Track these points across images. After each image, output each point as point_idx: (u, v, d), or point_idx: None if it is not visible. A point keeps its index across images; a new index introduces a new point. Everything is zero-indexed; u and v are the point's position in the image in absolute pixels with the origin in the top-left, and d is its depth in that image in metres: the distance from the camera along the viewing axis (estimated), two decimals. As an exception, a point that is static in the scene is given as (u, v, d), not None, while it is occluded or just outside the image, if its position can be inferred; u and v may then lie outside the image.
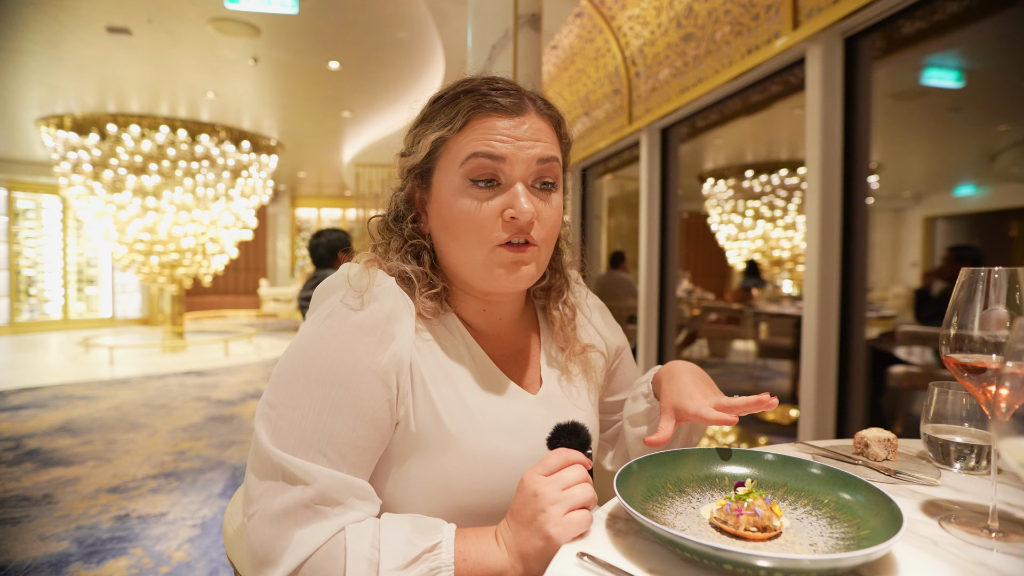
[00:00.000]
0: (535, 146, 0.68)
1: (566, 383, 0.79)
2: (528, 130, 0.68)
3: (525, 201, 0.66)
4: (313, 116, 6.76)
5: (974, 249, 3.31)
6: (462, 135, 0.68)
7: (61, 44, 4.43)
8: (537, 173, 0.69)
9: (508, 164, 0.67)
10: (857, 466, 0.74)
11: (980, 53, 3.88)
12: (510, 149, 0.66)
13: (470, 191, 0.67)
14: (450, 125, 0.68)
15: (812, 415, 2.18)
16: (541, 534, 0.58)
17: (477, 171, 0.67)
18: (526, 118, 0.68)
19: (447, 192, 0.69)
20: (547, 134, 0.70)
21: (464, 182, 0.67)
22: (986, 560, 0.50)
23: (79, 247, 9.69)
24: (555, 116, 0.73)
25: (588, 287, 0.94)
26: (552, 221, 0.70)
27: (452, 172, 0.68)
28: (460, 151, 0.67)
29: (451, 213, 0.68)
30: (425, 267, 0.72)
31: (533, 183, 0.69)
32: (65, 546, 2.27)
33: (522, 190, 0.67)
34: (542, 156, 0.68)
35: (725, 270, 10.70)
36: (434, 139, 0.69)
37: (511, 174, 0.67)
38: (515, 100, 0.68)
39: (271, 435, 0.60)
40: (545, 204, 0.69)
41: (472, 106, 0.68)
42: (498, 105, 0.67)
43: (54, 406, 4.55)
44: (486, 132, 0.67)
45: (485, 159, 0.66)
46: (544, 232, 0.70)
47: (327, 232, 2.92)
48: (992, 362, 0.55)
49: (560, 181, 0.72)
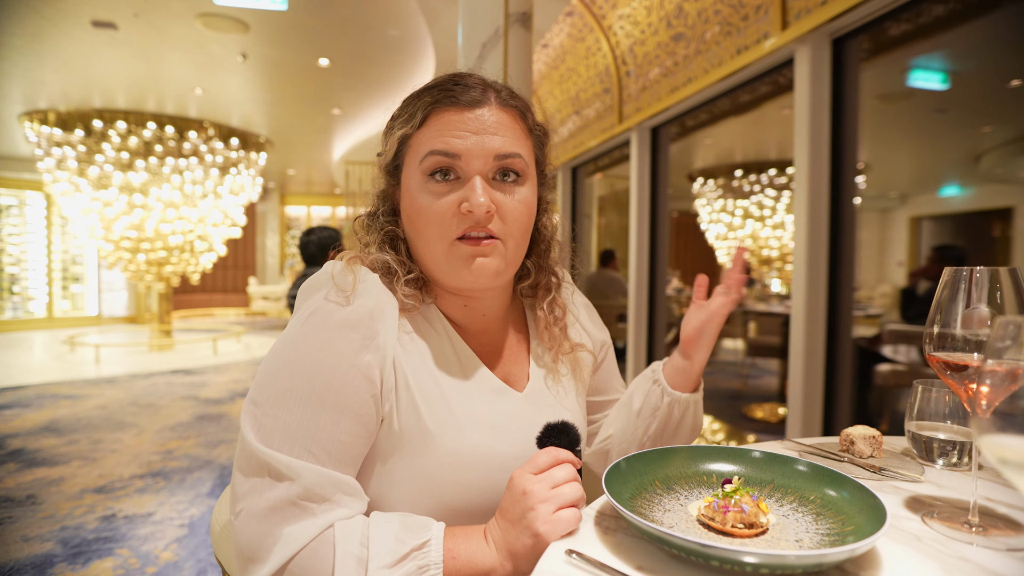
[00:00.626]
0: (493, 139, 0.68)
1: (553, 382, 0.79)
2: (485, 123, 0.68)
3: (481, 194, 0.66)
4: (303, 113, 6.71)
5: (958, 249, 3.35)
6: (422, 131, 0.69)
7: (45, 38, 4.36)
8: (497, 166, 0.68)
9: (464, 159, 0.67)
10: (843, 463, 0.75)
11: (965, 55, 3.93)
12: (465, 144, 0.67)
13: (428, 186, 0.68)
14: (411, 122, 0.69)
15: (800, 413, 2.20)
16: (530, 532, 0.58)
17: (433, 167, 0.67)
18: (485, 110, 0.68)
19: (411, 188, 0.70)
20: (507, 126, 0.69)
21: (423, 178, 0.68)
22: (967, 554, 0.51)
23: (64, 244, 9.56)
24: (520, 106, 0.72)
25: (578, 286, 0.94)
26: (516, 214, 0.69)
27: (413, 169, 0.69)
28: (420, 148, 0.68)
29: (413, 208, 0.69)
30: (402, 256, 0.73)
31: (494, 176, 0.69)
32: (49, 547, 2.24)
33: (479, 183, 0.67)
34: (500, 150, 0.68)
35: (714, 269, 10.77)
36: (399, 136, 0.70)
37: (468, 169, 0.67)
38: (474, 94, 0.68)
39: (256, 432, 0.60)
40: (507, 196, 0.69)
41: (430, 102, 0.68)
42: (456, 99, 0.68)
43: (38, 405, 4.48)
44: (442, 128, 0.67)
45: (441, 156, 0.67)
46: (508, 226, 0.69)
47: (318, 230, 2.90)
48: (974, 360, 0.55)
49: (528, 174, 0.71)
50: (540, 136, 0.77)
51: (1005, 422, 0.41)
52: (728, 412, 4.37)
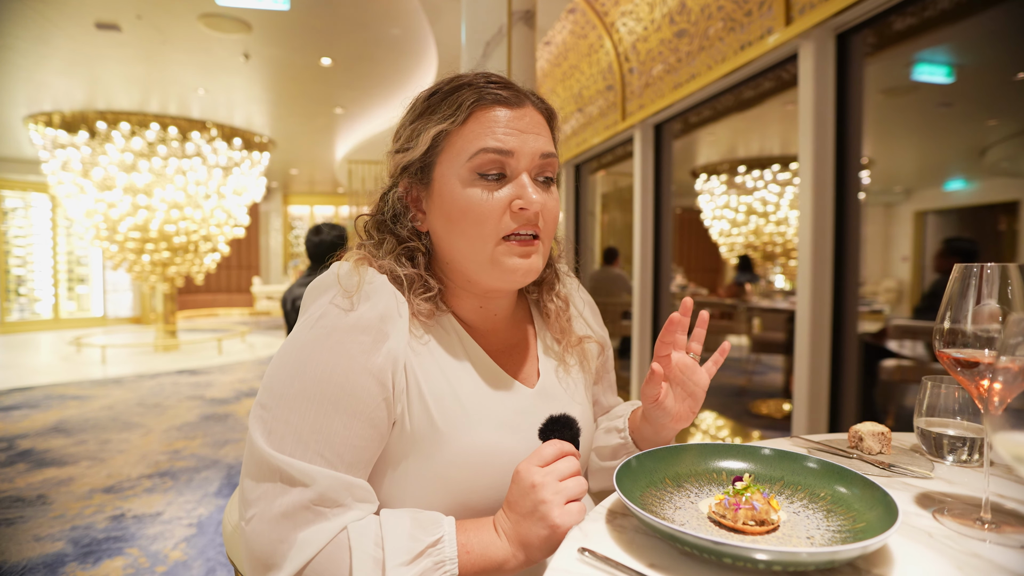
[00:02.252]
0: (538, 139, 0.69)
1: (563, 375, 0.80)
2: (529, 123, 0.69)
3: (533, 192, 0.67)
4: (305, 113, 6.72)
5: (969, 241, 3.33)
6: (466, 127, 0.68)
7: (48, 40, 4.37)
8: (540, 167, 0.70)
9: (515, 157, 0.67)
10: (852, 460, 0.75)
11: (970, 49, 3.91)
12: (516, 142, 0.67)
13: (478, 183, 0.67)
14: (453, 117, 0.68)
15: (805, 409, 2.19)
16: (545, 524, 0.59)
17: (487, 165, 0.67)
18: (526, 111, 0.69)
19: (452, 186, 0.68)
20: (544, 128, 0.71)
21: (472, 175, 0.67)
22: (979, 551, 0.51)
23: (69, 245, 9.60)
24: (549, 110, 0.74)
25: (582, 283, 0.94)
26: (554, 214, 0.71)
27: (458, 166, 0.68)
28: (466, 144, 0.67)
29: (457, 207, 0.68)
30: (420, 269, 0.71)
31: (536, 176, 0.70)
32: (60, 546, 2.26)
33: (528, 181, 0.68)
34: (544, 150, 0.69)
35: (718, 265, 10.76)
36: (436, 132, 0.68)
37: (517, 166, 0.68)
38: (514, 92, 0.70)
39: (267, 437, 0.59)
40: (548, 196, 0.70)
41: (475, 98, 0.68)
42: (500, 96, 0.68)
43: (46, 406, 4.51)
44: (491, 124, 0.67)
45: (495, 154, 0.66)
46: (547, 226, 0.71)
47: (326, 229, 2.82)
48: (985, 357, 0.55)
49: (556, 176, 0.74)
50: (557, 140, 0.78)
51: (1018, 419, 0.41)
52: (733, 408, 4.37)
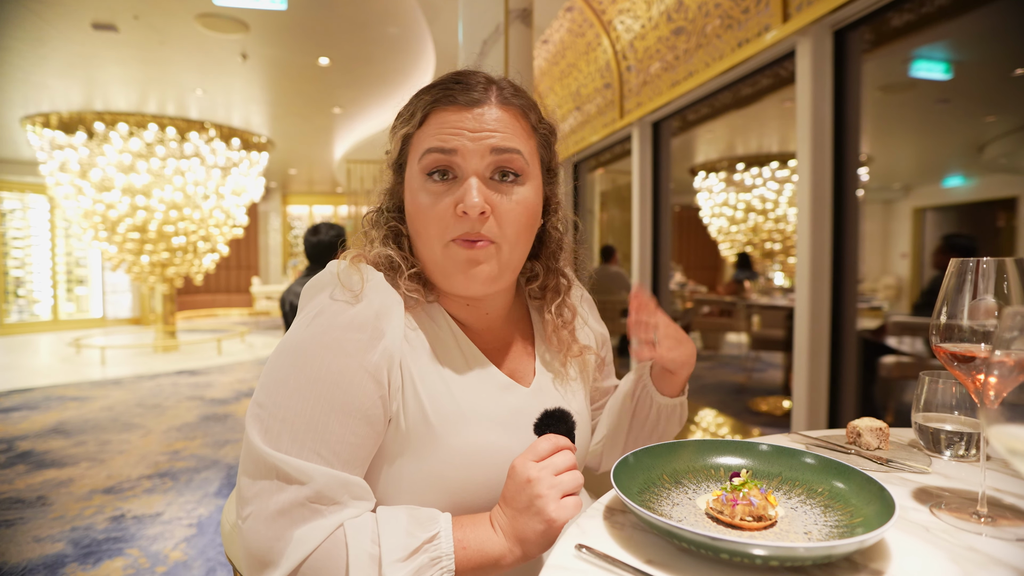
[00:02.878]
0: (491, 136, 0.66)
1: (560, 377, 0.80)
2: (485, 121, 0.67)
3: (476, 194, 0.65)
4: (303, 113, 6.71)
5: (967, 238, 3.35)
6: (422, 130, 0.69)
7: (45, 41, 4.37)
8: (494, 164, 0.67)
9: (460, 156, 0.66)
10: (850, 455, 0.75)
11: (967, 45, 3.91)
12: (461, 142, 0.66)
13: (427, 186, 0.68)
14: (412, 120, 0.69)
15: (804, 405, 2.20)
16: (541, 518, 0.59)
17: (431, 165, 0.67)
18: (484, 108, 0.67)
19: (412, 187, 0.70)
20: (508, 124, 0.68)
21: (422, 177, 0.68)
22: (975, 545, 0.52)
23: (68, 247, 9.59)
24: (522, 104, 0.71)
25: (583, 282, 0.93)
26: (513, 216, 0.68)
27: (414, 168, 0.69)
28: (419, 146, 0.68)
29: (413, 208, 0.70)
30: (405, 251, 0.73)
31: (491, 175, 0.68)
32: (60, 547, 2.26)
33: (475, 183, 0.66)
34: (497, 146, 0.66)
35: (717, 263, 10.76)
36: (401, 135, 0.71)
37: (465, 167, 0.67)
38: (475, 94, 0.68)
39: (263, 435, 0.60)
40: (504, 197, 0.68)
41: (430, 100, 0.68)
42: (454, 99, 0.67)
43: (46, 407, 4.51)
44: (440, 126, 0.67)
45: (438, 153, 0.67)
46: (503, 229, 0.67)
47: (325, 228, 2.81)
48: (981, 351, 0.55)
49: (529, 173, 0.70)
50: (546, 134, 0.75)
51: (1014, 413, 0.41)
52: (733, 406, 4.37)
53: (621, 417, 0.89)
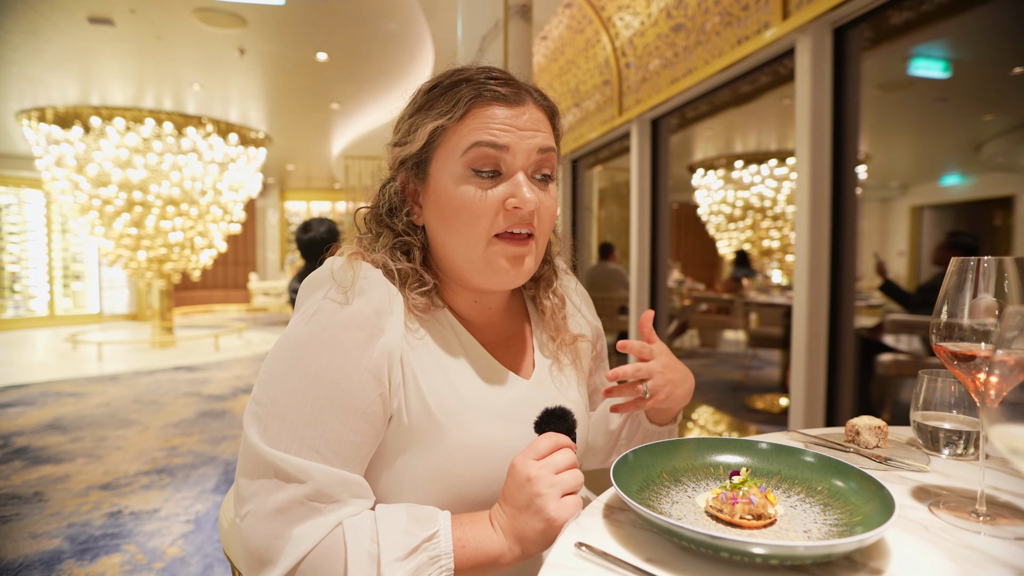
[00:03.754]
0: (535, 136, 0.68)
1: (557, 370, 0.80)
2: (528, 120, 0.68)
3: (528, 190, 0.66)
4: (301, 108, 6.68)
5: (970, 236, 3.36)
6: (463, 124, 0.67)
7: (41, 35, 4.34)
8: (537, 163, 0.69)
9: (511, 153, 0.66)
10: (849, 454, 0.75)
11: (966, 43, 3.91)
12: (512, 138, 0.66)
13: (472, 180, 0.67)
14: (450, 113, 0.67)
15: (802, 403, 2.20)
16: (541, 516, 0.59)
17: (480, 160, 0.66)
18: (525, 108, 0.68)
19: (446, 182, 0.68)
20: (544, 125, 0.71)
21: (466, 171, 0.67)
22: (974, 543, 0.52)
23: (64, 242, 9.55)
24: (551, 107, 0.73)
25: (580, 278, 0.94)
26: (550, 213, 0.71)
27: (452, 161, 0.67)
28: (461, 140, 0.67)
29: (450, 203, 0.67)
30: (416, 263, 0.71)
31: (533, 173, 0.69)
32: (57, 544, 2.25)
33: (524, 179, 0.67)
34: (542, 146, 0.68)
35: (715, 260, 10.76)
36: (433, 128, 0.68)
37: (512, 163, 0.67)
38: (514, 89, 0.68)
39: (262, 434, 0.59)
40: (544, 195, 0.70)
41: (473, 94, 0.67)
42: (499, 94, 0.67)
43: (42, 403, 4.50)
44: (488, 120, 0.66)
45: (488, 148, 0.65)
46: (543, 224, 0.70)
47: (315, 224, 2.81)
48: (981, 350, 0.55)
49: (555, 173, 0.73)
50: (559, 136, 0.77)
51: (1015, 412, 0.41)
52: (730, 403, 4.38)
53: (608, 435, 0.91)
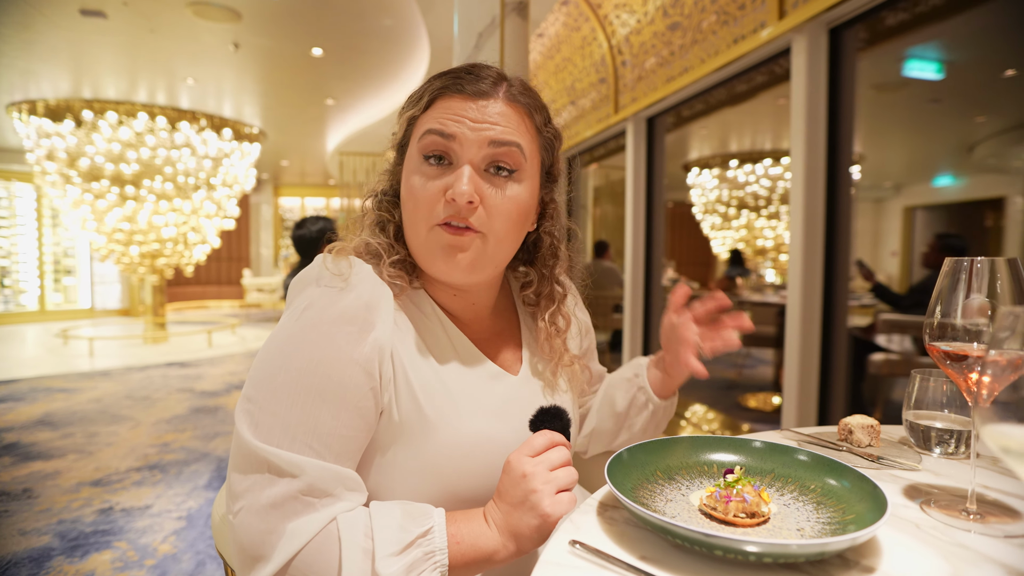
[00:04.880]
0: (491, 128, 0.66)
1: (544, 366, 0.80)
2: (489, 113, 0.67)
3: (466, 182, 0.65)
4: (296, 104, 6.65)
5: (959, 238, 3.37)
6: (426, 114, 0.69)
7: (32, 27, 4.29)
8: (490, 157, 0.67)
9: (458, 143, 0.66)
10: (841, 452, 0.76)
11: (959, 45, 3.93)
12: (461, 129, 0.66)
13: (421, 168, 0.68)
14: (418, 104, 0.70)
15: (795, 402, 2.21)
16: (536, 513, 0.59)
17: (428, 147, 0.67)
18: (490, 101, 0.68)
19: (408, 168, 0.70)
20: (512, 120, 0.68)
21: (418, 158, 0.68)
22: (965, 541, 0.52)
23: (55, 237, 9.47)
24: (529, 104, 0.71)
25: (577, 277, 0.93)
26: (502, 210, 0.67)
27: (413, 148, 0.70)
28: (420, 128, 0.69)
29: (405, 189, 0.70)
30: (391, 239, 0.73)
31: (487, 167, 0.68)
32: (47, 540, 2.24)
33: (467, 171, 0.66)
34: (496, 139, 0.66)
35: (709, 259, 10.80)
36: (407, 117, 0.71)
37: (461, 154, 0.67)
38: (483, 86, 0.68)
39: (254, 430, 0.59)
40: (495, 190, 0.67)
41: (439, 87, 0.69)
42: (462, 88, 0.68)
43: (32, 399, 4.46)
44: (443, 111, 0.68)
45: (436, 136, 0.67)
46: (491, 221, 0.67)
47: (310, 221, 2.81)
48: (974, 350, 0.56)
49: (525, 171, 0.69)
50: (550, 138, 0.75)
51: (1006, 411, 0.41)
52: (723, 401, 4.40)
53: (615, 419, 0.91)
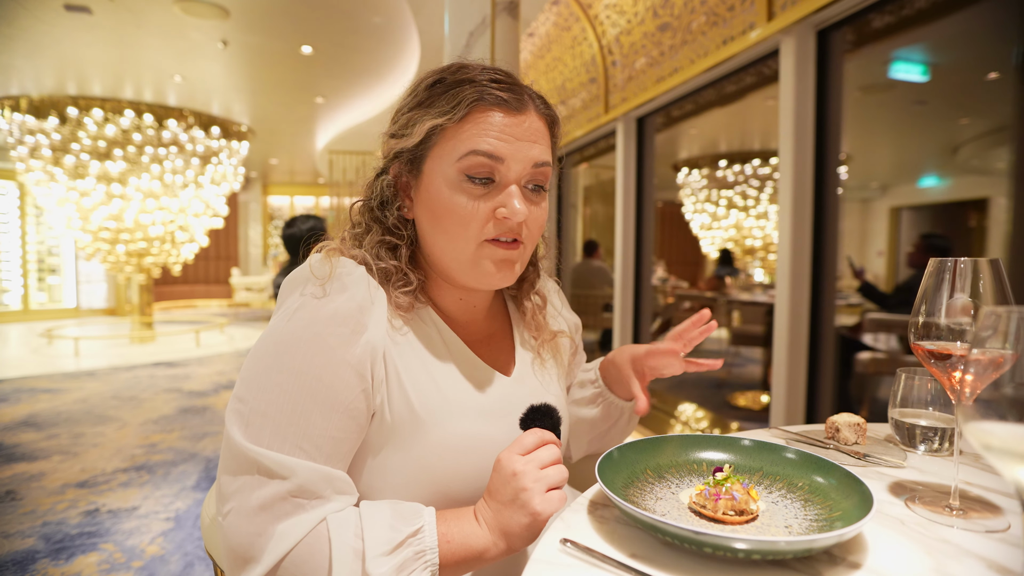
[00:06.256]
0: (533, 147, 0.68)
1: (539, 367, 0.81)
2: (527, 130, 0.67)
3: (519, 203, 0.66)
4: (285, 102, 6.60)
5: (943, 238, 3.42)
6: (462, 126, 0.66)
7: (14, 21, 4.22)
8: (531, 176, 0.69)
9: (506, 165, 0.66)
10: (829, 450, 0.77)
11: (945, 48, 3.98)
12: (509, 149, 0.66)
13: (465, 186, 0.66)
14: (451, 114, 0.66)
15: (783, 400, 2.24)
16: (526, 511, 0.59)
17: (475, 168, 0.66)
18: (526, 117, 0.68)
19: (439, 183, 0.68)
20: (544, 136, 0.70)
21: (459, 176, 0.66)
22: (948, 537, 0.53)
23: (39, 235, 9.33)
24: (552, 116, 0.73)
25: (564, 276, 0.95)
26: (539, 224, 0.72)
27: (447, 163, 0.67)
28: (459, 144, 0.66)
29: (442, 205, 0.68)
30: (402, 261, 0.71)
31: (526, 184, 0.69)
32: (31, 543, 2.21)
33: (516, 191, 0.67)
34: (538, 160, 0.68)
35: (699, 258, 10.85)
36: (432, 125, 0.67)
37: (507, 174, 0.67)
38: (517, 96, 0.68)
39: (244, 431, 0.59)
40: (535, 207, 0.70)
41: (475, 97, 0.66)
42: (501, 100, 0.66)
43: (15, 400, 4.39)
44: (487, 127, 0.66)
45: (485, 158, 0.65)
46: (531, 234, 0.71)
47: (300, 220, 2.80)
48: (957, 349, 0.57)
49: (548, 183, 0.73)
50: (557, 145, 0.77)
51: (988, 409, 0.42)
52: (712, 400, 4.43)
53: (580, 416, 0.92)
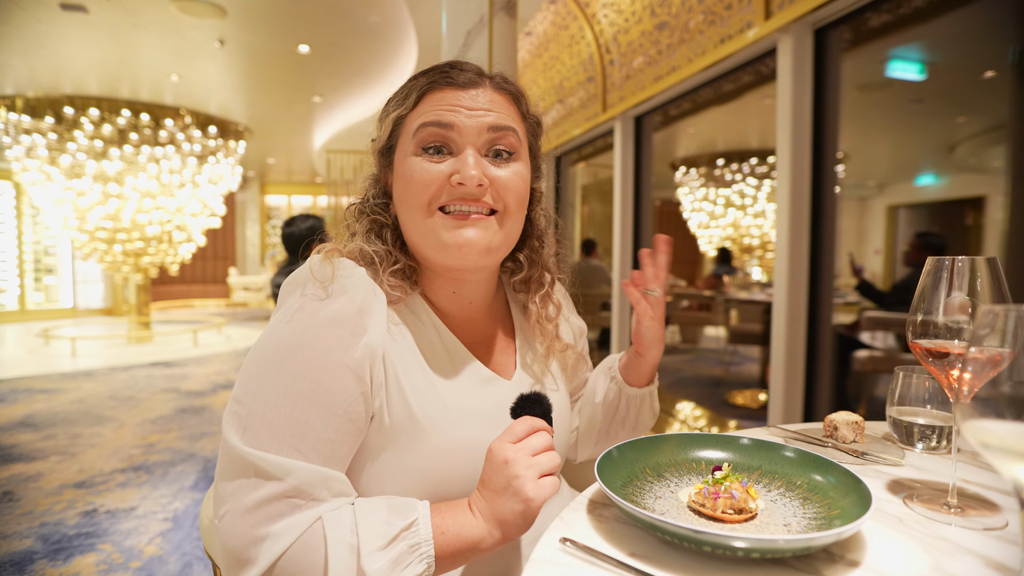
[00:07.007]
0: (487, 115, 0.69)
1: (540, 372, 0.81)
2: (480, 101, 0.69)
3: (473, 165, 0.67)
4: (282, 101, 6.58)
5: (939, 236, 3.43)
6: (416, 111, 0.70)
7: (10, 20, 4.21)
8: (491, 141, 0.69)
9: (456, 131, 0.68)
10: (827, 448, 0.77)
11: (941, 47, 3.99)
12: (459, 118, 0.68)
13: (421, 159, 0.68)
14: (406, 103, 0.70)
15: (781, 399, 2.24)
16: (519, 498, 0.59)
17: (427, 139, 0.68)
18: (479, 91, 0.70)
19: (403, 164, 0.70)
20: (502, 106, 0.71)
21: (416, 151, 0.69)
22: (946, 534, 0.53)
23: (36, 235, 9.31)
24: (512, 91, 0.74)
25: (564, 274, 0.94)
26: (513, 187, 0.70)
27: (407, 145, 0.70)
28: (413, 124, 0.69)
29: (402, 179, 0.70)
30: (388, 245, 0.73)
31: (487, 152, 0.70)
32: (29, 544, 2.20)
33: (471, 154, 0.68)
34: (494, 124, 0.69)
35: (696, 257, 10.86)
36: (393, 118, 0.71)
37: (461, 142, 0.68)
38: (470, 75, 0.70)
39: (242, 433, 0.59)
40: (502, 170, 0.70)
41: (426, 83, 0.70)
42: (450, 80, 0.69)
43: (12, 400, 4.38)
44: (435, 104, 0.68)
45: (434, 127, 0.67)
46: (505, 198, 0.70)
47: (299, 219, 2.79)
48: (955, 347, 0.57)
49: (521, 153, 0.72)
50: (533, 124, 0.77)
51: (986, 407, 0.42)
52: (710, 399, 4.44)
53: (593, 411, 0.91)
